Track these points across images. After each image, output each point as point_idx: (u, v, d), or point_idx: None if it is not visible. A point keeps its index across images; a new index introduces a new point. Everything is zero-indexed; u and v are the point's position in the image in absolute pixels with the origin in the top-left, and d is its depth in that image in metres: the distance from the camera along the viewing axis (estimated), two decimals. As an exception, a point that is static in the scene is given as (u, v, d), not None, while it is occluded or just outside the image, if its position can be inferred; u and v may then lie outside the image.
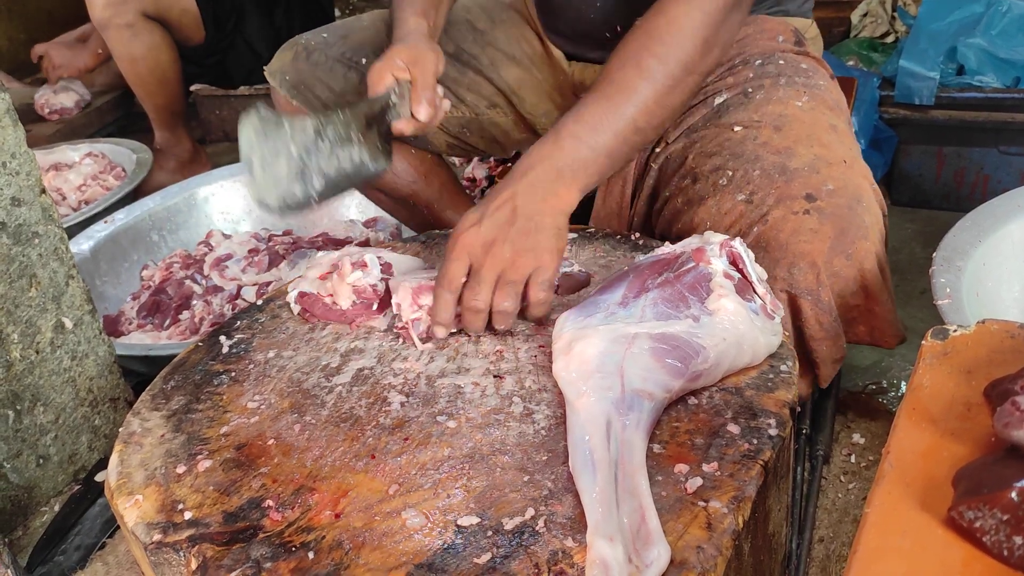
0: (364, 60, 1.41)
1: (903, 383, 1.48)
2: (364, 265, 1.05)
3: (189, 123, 2.66)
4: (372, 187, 1.55)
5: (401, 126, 1.16)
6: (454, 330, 0.99)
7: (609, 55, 1.06)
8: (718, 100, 1.22)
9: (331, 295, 1.05)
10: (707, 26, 1.02)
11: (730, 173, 1.12)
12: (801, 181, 1.07)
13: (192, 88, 2.91)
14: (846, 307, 1.09)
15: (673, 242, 1.16)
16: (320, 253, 1.12)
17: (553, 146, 1.00)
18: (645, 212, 1.29)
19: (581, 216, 1.41)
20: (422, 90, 1.15)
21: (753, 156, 1.12)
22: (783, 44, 1.28)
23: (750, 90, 1.21)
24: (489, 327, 0.98)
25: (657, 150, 1.26)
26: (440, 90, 1.19)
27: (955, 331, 0.73)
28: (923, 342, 0.73)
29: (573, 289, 1.06)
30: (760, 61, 1.24)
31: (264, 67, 1.48)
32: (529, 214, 0.96)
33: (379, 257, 1.07)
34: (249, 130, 1.06)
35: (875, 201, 1.11)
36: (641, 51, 1.02)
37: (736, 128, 1.17)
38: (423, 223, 1.57)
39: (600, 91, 1.02)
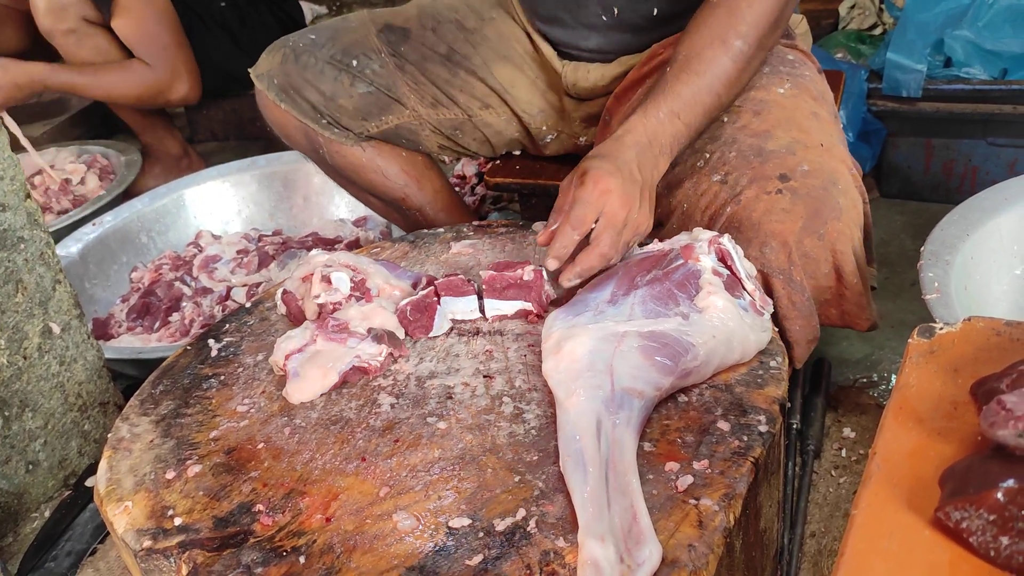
0: (355, 62, 1.40)
1: (893, 376, 1.48)
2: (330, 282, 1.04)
3: (171, 124, 2.64)
4: (364, 190, 1.54)
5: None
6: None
7: (659, 30, 1.20)
8: None
9: (302, 299, 1.05)
10: (778, 6, 1.10)
11: (707, 155, 1.13)
12: (776, 162, 1.08)
13: None
14: (818, 288, 1.10)
15: (655, 228, 1.17)
16: (314, 252, 1.11)
17: (656, 121, 1.07)
18: None
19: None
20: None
21: (731, 139, 1.13)
22: None
23: None
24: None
25: None
26: None
27: (941, 329, 0.73)
28: (909, 340, 0.73)
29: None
30: None
31: (249, 69, 1.46)
32: (648, 183, 1.05)
33: (354, 272, 1.06)
34: None
35: (853, 185, 1.11)
36: (727, 29, 1.09)
37: None
38: (415, 225, 1.56)
39: (692, 68, 1.09)
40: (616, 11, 1.29)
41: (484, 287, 1.02)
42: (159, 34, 2.28)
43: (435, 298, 1.01)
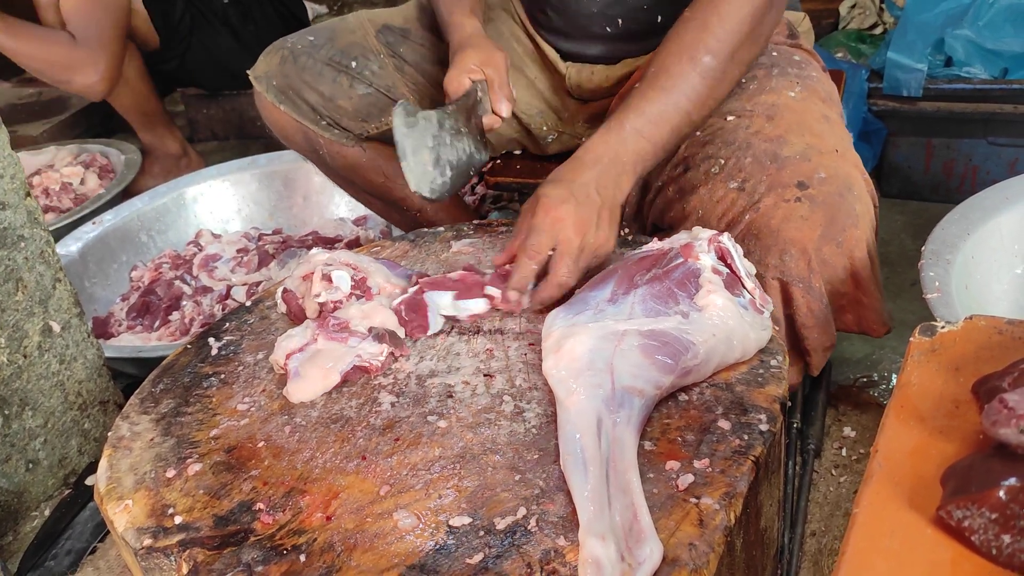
0: (353, 64, 1.39)
1: (894, 376, 1.48)
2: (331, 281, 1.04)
3: (172, 123, 2.64)
4: (364, 191, 1.54)
5: (489, 121, 1.23)
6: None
7: (625, 48, 1.19)
8: None
9: (302, 298, 1.05)
10: (754, 19, 1.07)
11: (722, 161, 1.13)
12: (793, 169, 1.08)
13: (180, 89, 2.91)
14: (835, 295, 1.10)
15: (665, 231, 1.16)
16: (314, 250, 1.11)
17: (618, 140, 1.05)
18: (636, 203, 1.28)
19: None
20: (499, 88, 1.22)
21: (745, 144, 1.12)
22: (777, 36, 1.28)
23: (743, 80, 1.21)
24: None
25: None
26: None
27: (943, 327, 0.73)
28: (911, 339, 0.73)
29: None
30: None
31: (247, 71, 1.45)
32: (608, 202, 1.03)
33: (355, 271, 1.06)
34: (399, 123, 1.12)
35: (866, 191, 1.11)
36: (696, 44, 1.06)
37: (729, 117, 1.17)
38: (415, 225, 1.56)
39: (659, 84, 1.06)
40: (620, 22, 1.28)
41: (457, 291, 1.02)
42: (97, 16, 2.23)
43: (422, 295, 1.01)
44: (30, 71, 2.30)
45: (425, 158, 1.14)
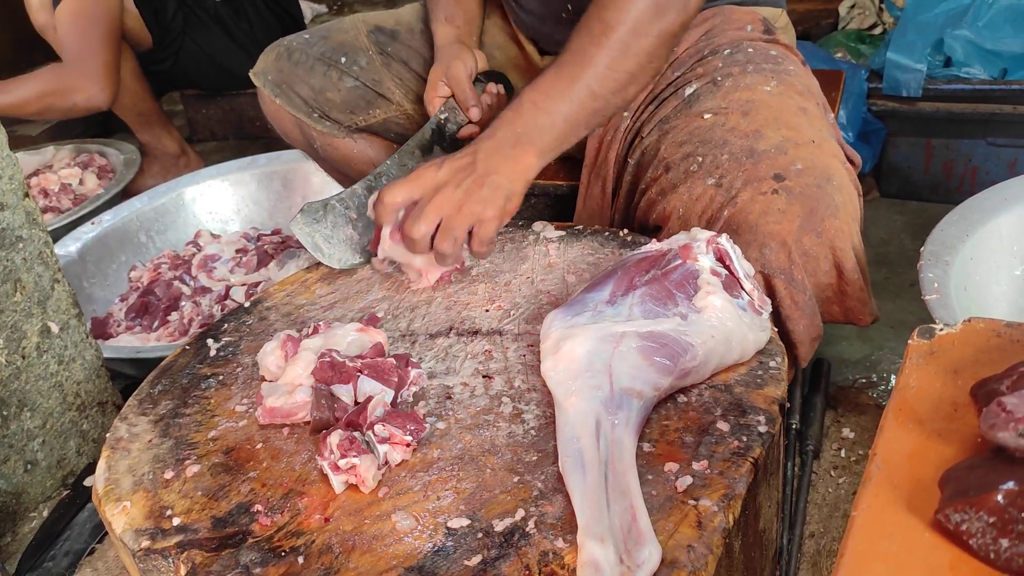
0: (343, 59, 1.47)
1: (893, 377, 1.48)
2: None
3: (169, 123, 2.64)
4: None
5: (466, 132, 1.28)
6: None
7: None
8: (688, 90, 1.23)
9: None
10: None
11: (700, 159, 1.13)
12: (769, 162, 1.08)
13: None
14: (819, 286, 1.10)
15: (650, 232, 1.16)
16: None
17: (514, 113, 1.06)
18: (625, 208, 1.29)
19: (566, 218, 1.41)
20: (461, 99, 1.29)
21: (722, 141, 1.13)
22: (752, 33, 1.28)
23: (719, 78, 1.22)
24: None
25: (633, 145, 1.26)
26: (494, 87, 1.35)
27: (941, 330, 0.73)
28: (909, 341, 0.73)
29: None
30: (729, 50, 1.25)
31: (248, 71, 1.54)
32: (487, 169, 1.03)
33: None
34: (300, 227, 1.16)
35: (848, 180, 1.11)
36: (592, 19, 1.06)
37: (706, 116, 1.18)
38: None
39: (558, 60, 1.08)
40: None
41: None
42: (87, 28, 2.25)
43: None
44: (34, 116, 2.35)
45: (348, 233, 1.18)
